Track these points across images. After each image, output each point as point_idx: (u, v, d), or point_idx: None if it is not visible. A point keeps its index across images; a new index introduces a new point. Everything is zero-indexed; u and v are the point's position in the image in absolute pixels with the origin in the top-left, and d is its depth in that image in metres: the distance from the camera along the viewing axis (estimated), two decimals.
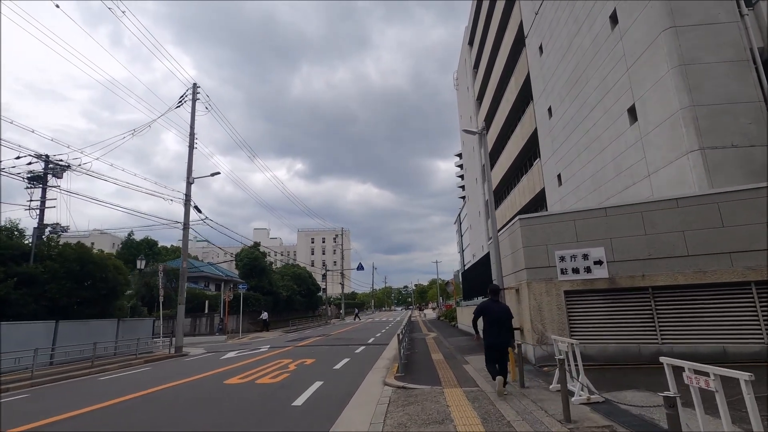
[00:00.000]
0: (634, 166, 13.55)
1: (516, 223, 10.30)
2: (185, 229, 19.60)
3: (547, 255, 9.62)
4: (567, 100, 18.93)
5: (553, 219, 9.76)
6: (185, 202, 19.71)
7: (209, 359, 15.45)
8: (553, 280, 9.47)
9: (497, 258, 10.55)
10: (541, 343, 9.31)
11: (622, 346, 8.72)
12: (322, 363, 12.44)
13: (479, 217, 39.49)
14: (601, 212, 9.37)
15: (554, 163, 21.08)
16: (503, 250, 11.18)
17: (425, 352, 13.38)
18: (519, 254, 10.19)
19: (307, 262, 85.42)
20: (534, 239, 9.82)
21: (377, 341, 19.27)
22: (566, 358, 6.43)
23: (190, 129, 20.64)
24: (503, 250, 11.16)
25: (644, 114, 13.03)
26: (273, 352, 16.20)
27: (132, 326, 18.64)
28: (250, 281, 33.61)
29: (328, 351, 15.91)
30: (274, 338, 25.51)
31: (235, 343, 23.31)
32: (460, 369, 9.74)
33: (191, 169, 20.23)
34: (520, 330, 10.33)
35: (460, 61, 45.19)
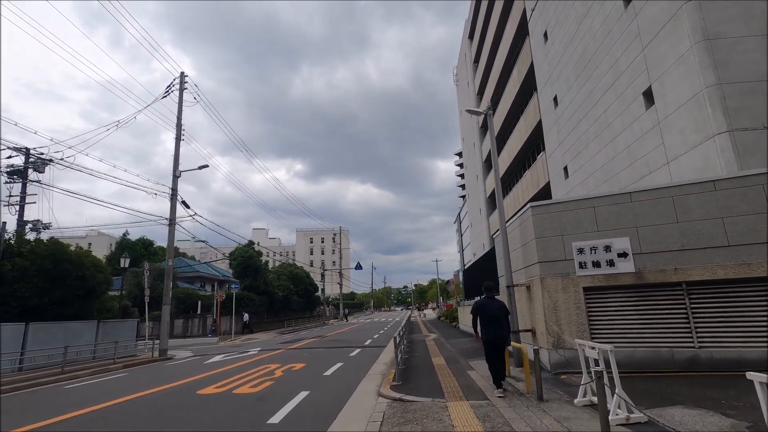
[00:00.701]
0: (651, 153, 12.37)
1: (527, 211, 9.11)
2: (171, 225, 18.40)
3: (563, 247, 8.44)
4: (575, 87, 17.75)
5: (570, 206, 8.57)
6: (171, 196, 18.52)
7: (193, 364, 14.25)
8: (570, 276, 8.28)
9: (506, 251, 9.37)
10: (557, 347, 8.12)
11: (652, 351, 7.52)
12: (311, 368, 11.25)
13: (480, 214, 38.31)
14: (625, 197, 8.18)
15: (560, 154, 19.92)
16: (512, 242, 10.00)
17: (425, 356, 12.18)
18: (531, 246, 9.00)
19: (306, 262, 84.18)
20: (548, 229, 8.63)
21: (374, 343, 18.07)
22: (588, 364, 5.26)
23: (177, 120, 19.47)
24: (512, 243, 9.97)
25: (662, 96, 11.85)
26: (262, 356, 15.00)
27: (114, 328, 17.43)
28: (245, 281, 32.39)
29: (321, 354, 14.71)
30: (267, 340, 24.31)
31: (225, 346, 22.11)
32: (464, 376, 8.55)
33: (178, 162, 19.04)
34: (531, 332, 9.13)
35: (459, 56, 44.04)
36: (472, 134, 39.99)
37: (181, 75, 19.91)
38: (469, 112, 10.74)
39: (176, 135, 19.18)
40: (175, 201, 18.58)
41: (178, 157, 19.07)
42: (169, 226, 18.36)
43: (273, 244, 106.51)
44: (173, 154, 19.02)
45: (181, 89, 19.74)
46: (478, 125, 37.60)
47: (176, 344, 24.15)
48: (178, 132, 19.24)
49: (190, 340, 26.38)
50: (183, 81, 19.85)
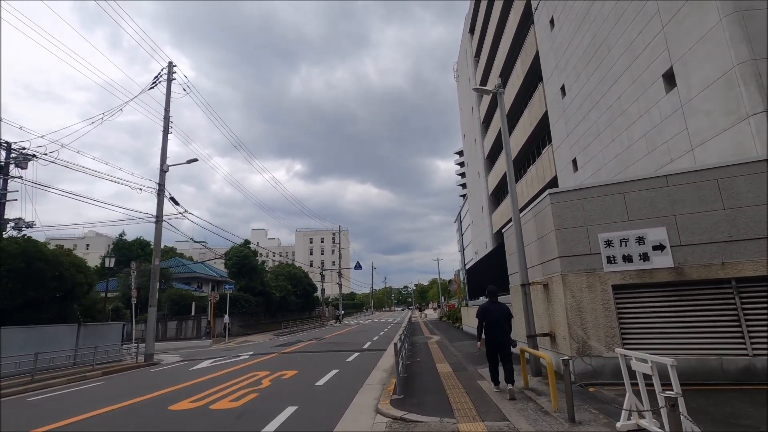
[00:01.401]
0: (673, 140, 11.24)
1: (545, 199, 7.98)
2: (158, 223, 17.27)
3: (588, 239, 7.30)
4: (584, 75, 16.62)
5: (595, 192, 7.44)
6: (158, 192, 17.39)
7: (177, 370, 13.12)
8: (596, 272, 7.14)
9: (520, 245, 8.25)
10: (583, 355, 6.98)
11: (697, 360, 6.38)
12: (303, 376, 10.11)
13: (482, 212, 37.17)
14: (660, 181, 7.04)
15: (568, 147, 18.79)
16: (526, 236, 8.87)
17: (428, 362, 11.04)
18: (549, 240, 7.87)
19: (306, 262, 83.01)
20: (570, 219, 7.49)
21: (374, 346, 16.93)
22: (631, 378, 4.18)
23: (165, 111, 18.36)
24: (526, 237, 8.84)
25: (685, 77, 10.72)
26: (252, 361, 13.87)
27: (97, 332, 16.29)
28: (240, 281, 31.24)
29: (316, 359, 13.57)
30: (263, 342, 23.17)
31: (218, 349, 20.98)
32: (475, 388, 7.41)
33: (165, 156, 17.92)
34: (550, 336, 7.99)
35: (460, 51, 42.93)
36: (473, 131, 38.87)
37: (169, 65, 18.80)
38: (478, 91, 9.61)
39: (164, 127, 18.07)
40: (162, 197, 17.45)
41: (166, 151, 17.95)
42: (155, 223, 17.23)
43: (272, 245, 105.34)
44: (160, 147, 17.89)
45: (169, 80, 18.63)
46: (479, 121, 36.48)
47: (168, 347, 23.03)
48: (165, 124, 18.13)
49: (183, 343, 25.24)
50: (171, 71, 18.74)
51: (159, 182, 17.51)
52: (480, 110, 36.31)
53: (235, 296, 28.94)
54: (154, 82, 18.64)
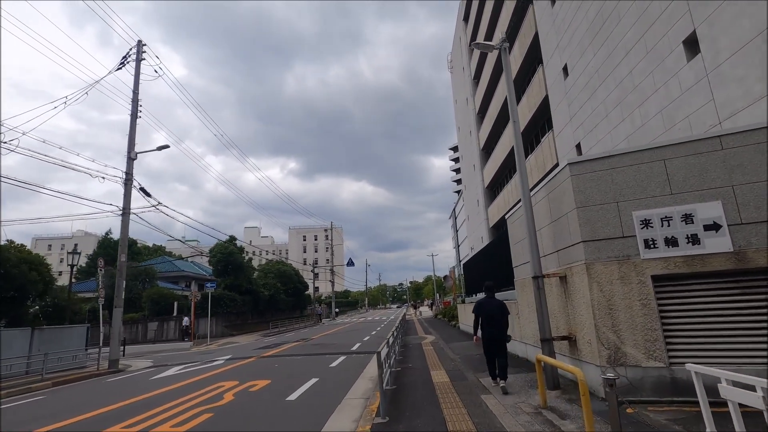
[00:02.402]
0: (696, 114, 9.77)
1: (563, 171, 6.44)
2: (125, 215, 15.57)
3: (620, 219, 5.78)
4: (590, 51, 15.13)
5: (628, 160, 5.91)
6: (125, 181, 15.69)
7: (137, 380, 11.49)
8: (631, 259, 5.62)
9: (531, 230, 6.72)
10: (615, 364, 5.46)
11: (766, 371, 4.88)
12: (275, 388, 8.53)
13: (477, 206, 35.73)
14: (712, 143, 5.53)
15: (571, 131, 17.34)
16: (536, 220, 7.34)
17: (422, 368, 9.49)
18: (568, 221, 6.34)
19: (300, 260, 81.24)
20: (595, 194, 5.97)
21: (363, 348, 15.37)
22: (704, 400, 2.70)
23: (133, 94, 16.64)
24: (536, 221, 7.31)
25: (712, 41, 9.24)
26: (226, 368, 12.27)
27: (55, 336, 14.58)
28: (226, 279, 29.52)
29: (296, 365, 11.99)
30: (247, 344, 21.54)
31: (197, 352, 19.33)
32: (479, 405, 5.87)
33: (134, 143, 16.21)
34: (569, 340, 6.47)
35: (454, 41, 41.39)
36: (467, 122, 37.39)
37: (138, 44, 17.07)
38: (477, 47, 8.04)
39: (132, 111, 16.35)
40: (129, 187, 15.75)
41: (134, 137, 16.23)
42: (122, 215, 15.53)
43: (265, 243, 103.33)
44: (128, 133, 16.17)
45: (138, 59, 16.90)
46: (474, 112, 35.00)
47: (144, 351, 21.35)
48: (133, 108, 16.41)
49: (162, 346, 23.54)
50: (140, 51, 17.01)
51: (126, 171, 15.80)
52: (475, 101, 34.81)
53: (220, 295, 27.25)
54: (123, 62, 16.91)
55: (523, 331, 9.13)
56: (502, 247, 12.13)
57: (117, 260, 15.63)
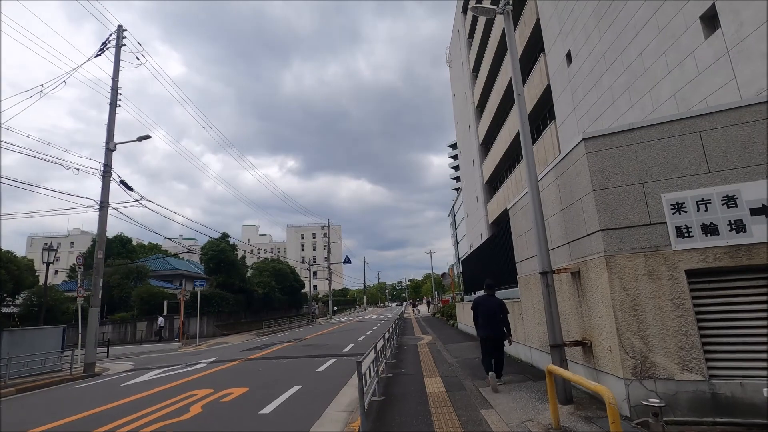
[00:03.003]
0: (714, 95, 8.83)
1: (577, 148, 5.50)
2: (102, 210, 14.60)
3: (646, 203, 4.84)
4: (595, 35, 14.20)
5: (655, 133, 4.97)
6: (103, 173, 14.72)
7: (108, 386, 10.56)
8: (660, 251, 4.68)
9: (538, 218, 5.77)
10: (642, 375, 4.53)
11: None
12: (251, 398, 7.60)
13: (477, 202, 34.80)
14: (757, 111, 4.59)
15: (575, 120, 16.42)
16: (545, 207, 6.40)
17: (416, 374, 8.56)
18: (582, 207, 5.40)
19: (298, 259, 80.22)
20: (616, 175, 5.03)
21: (356, 349, 14.45)
22: None
23: (113, 82, 15.66)
24: (545, 208, 6.38)
25: (733, 14, 8.31)
26: (206, 372, 11.34)
27: (27, 338, 13.61)
28: (218, 277, 28.56)
29: (282, 369, 11.06)
30: (237, 344, 20.60)
31: (184, 353, 18.40)
32: (477, 421, 4.93)
33: (112, 133, 15.24)
34: (583, 346, 5.53)
35: (452, 34, 40.38)
36: (466, 117, 36.43)
37: (119, 29, 16.08)
38: (476, 11, 7.05)
39: (111, 99, 15.37)
40: (108, 179, 14.79)
41: (113, 127, 15.27)
42: (99, 210, 14.56)
43: (264, 241, 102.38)
44: (107, 123, 15.20)
45: (118, 45, 15.92)
46: (473, 106, 34.03)
47: (128, 352, 20.41)
48: (113, 96, 15.43)
49: (150, 346, 22.60)
50: (120, 36, 16.02)
51: (104, 162, 14.83)
52: (474, 94, 33.84)
53: (211, 294, 26.31)
54: (102, 49, 15.93)
55: (527, 334, 8.20)
56: (502, 242, 11.21)
57: (94, 257, 14.63)
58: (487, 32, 28.43)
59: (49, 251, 15.26)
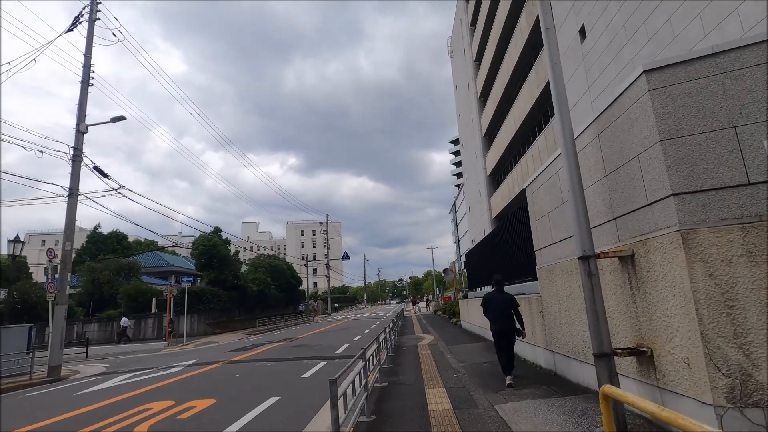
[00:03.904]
0: None
1: (634, 86, 4.02)
2: (71, 197, 13.18)
3: (741, 154, 3.39)
4: (614, 5, 12.75)
5: (751, 56, 3.51)
6: (73, 158, 13.30)
7: (66, 393, 9.17)
8: (765, 222, 3.23)
9: (576, 185, 4.32)
10: (743, 402, 3.07)
11: None
12: (215, 413, 6.19)
13: (480, 196, 33.31)
14: None
15: (589, 101, 14.95)
16: (585, 173, 4.93)
17: (415, 383, 7.13)
18: (640, 168, 3.94)
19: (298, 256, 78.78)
20: (694, 118, 3.57)
21: (351, 350, 13.01)
22: None
23: (85, 59, 14.24)
24: (585, 174, 4.90)
25: None
26: (178, 377, 9.94)
27: None
28: (210, 273, 27.16)
29: (262, 374, 9.64)
30: (226, 344, 19.22)
31: (171, 353, 17.03)
32: None
33: (84, 114, 13.83)
34: (638, 355, 4.07)
35: (454, 23, 38.84)
36: (469, 108, 34.91)
37: (92, 1, 14.63)
38: None
39: (83, 77, 13.94)
40: (78, 164, 13.37)
41: (85, 107, 13.85)
42: (68, 197, 13.15)
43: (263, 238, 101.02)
44: (78, 103, 13.78)
45: (92, 19, 14.48)
46: (476, 96, 32.53)
47: (110, 352, 19.04)
48: (85, 73, 14.00)
49: (136, 346, 21.22)
50: (94, 9, 14.58)
51: (74, 146, 13.41)
52: (477, 84, 32.33)
53: (202, 290, 24.92)
54: (74, 23, 14.49)
55: (549, 336, 6.75)
56: (512, 231, 9.76)
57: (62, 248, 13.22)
58: (491, 17, 26.92)
59: (15, 243, 13.84)
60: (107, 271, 30.34)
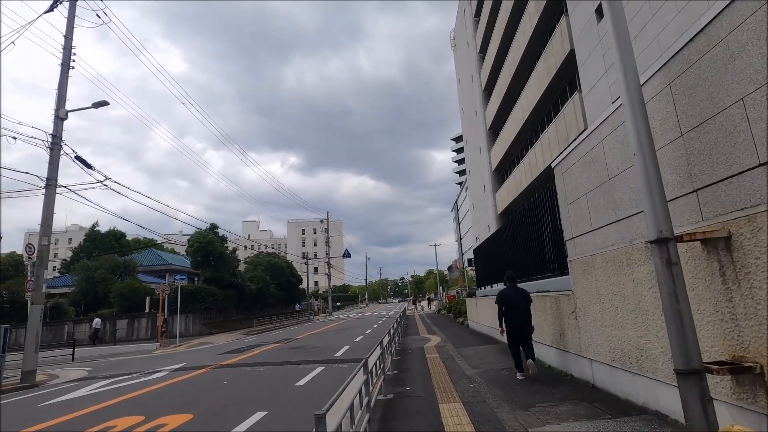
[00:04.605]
0: None
1: (736, 4, 2.91)
2: (49, 188, 12.13)
3: None
4: None
5: None
6: (51, 145, 12.25)
7: (31, 404, 8.12)
8: None
9: (647, 147, 3.26)
10: None
11: None
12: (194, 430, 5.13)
13: (484, 192, 32.19)
14: None
15: (607, 84, 13.88)
16: (655, 133, 3.82)
17: (426, 397, 6.05)
18: (747, 114, 2.83)
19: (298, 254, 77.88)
20: None
21: (351, 353, 11.96)
22: None
23: (65, 40, 13.17)
24: (656, 134, 3.79)
25: None
26: (157, 386, 8.87)
27: None
28: (206, 271, 26.11)
29: (251, 381, 8.57)
30: (222, 345, 18.19)
31: (162, 355, 16.00)
32: None
33: (64, 99, 12.77)
34: (740, 372, 2.97)
35: (457, 15, 37.70)
36: (473, 102, 33.78)
37: None
38: None
39: (62, 60, 12.88)
40: (57, 153, 12.31)
41: (65, 91, 12.80)
42: (46, 188, 12.10)
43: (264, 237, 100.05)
44: (57, 88, 12.73)
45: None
46: (480, 89, 31.39)
47: (99, 353, 18.00)
48: (65, 56, 12.94)
49: (127, 347, 20.18)
50: None
51: (53, 133, 12.35)
52: (481, 77, 31.19)
53: (197, 289, 23.90)
54: (55, 1, 13.42)
55: (586, 341, 5.65)
56: (528, 223, 8.66)
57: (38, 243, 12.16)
58: (496, 5, 25.78)
59: None
60: (102, 270, 29.33)
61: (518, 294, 6.58)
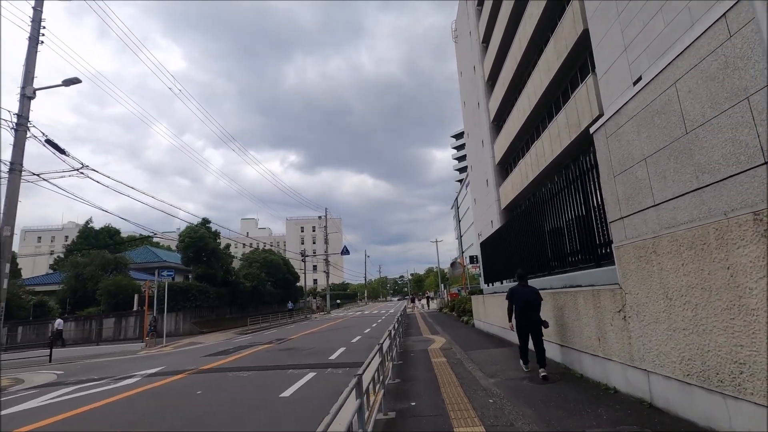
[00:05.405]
0: None
1: None
2: (13, 173, 10.88)
3: None
4: None
5: None
6: (16, 125, 11.01)
7: None
8: None
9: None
10: None
11: None
12: None
13: (487, 186, 30.97)
14: None
15: (626, 63, 12.65)
16: (732, 80, 2.63)
17: (436, 416, 4.85)
18: None
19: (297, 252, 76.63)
20: None
21: (347, 355, 10.75)
22: None
23: (34, 12, 11.92)
24: (733, 81, 2.60)
25: None
26: (122, 395, 7.67)
27: None
28: (198, 268, 24.88)
29: (230, 391, 7.36)
30: (211, 345, 16.98)
31: (146, 356, 14.80)
32: None
33: (33, 75, 11.53)
34: None
35: (459, 6, 36.43)
36: (475, 94, 32.54)
37: None
38: None
39: (31, 33, 11.63)
40: (23, 135, 11.08)
41: (34, 67, 11.56)
42: (9, 172, 10.85)
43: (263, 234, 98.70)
44: (24, 64, 11.49)
45: None
46: (483, 80, 30.15)
47: (79, 354, 16.80)
48: (33, 29, 11.69)
49: (112, 347, 18.95)
50: None
51: (18, 113, 11.11)
52: (484, 67, 29.94)
53: (188, 286, 22.68)
54: None
55: (639, 348, 4.44)
56: (553, 206, 7.45)
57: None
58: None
59: None
60: (92, 266, 28.06)
61: (528, 291, 6.54)
